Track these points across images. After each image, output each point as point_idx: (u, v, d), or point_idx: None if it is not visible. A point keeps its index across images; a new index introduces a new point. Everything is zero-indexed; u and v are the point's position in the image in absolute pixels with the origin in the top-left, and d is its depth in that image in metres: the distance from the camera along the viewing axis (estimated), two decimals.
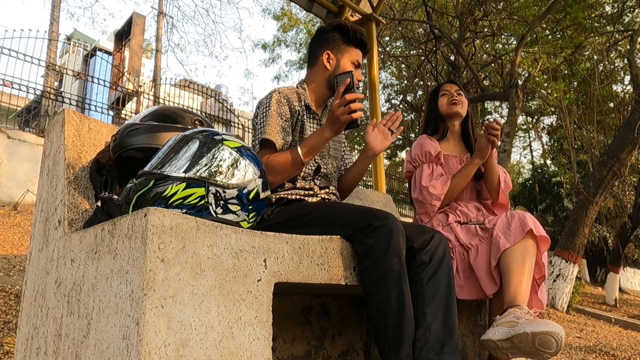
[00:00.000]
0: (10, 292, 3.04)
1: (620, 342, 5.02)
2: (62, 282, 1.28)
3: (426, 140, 2.06)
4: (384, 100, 13.98)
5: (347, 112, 1.47)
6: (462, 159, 2.06)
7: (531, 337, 1.33)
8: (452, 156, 2.06)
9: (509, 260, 1.59)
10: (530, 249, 1.62)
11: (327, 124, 1.53)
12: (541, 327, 1.33)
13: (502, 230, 1.67)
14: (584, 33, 9.05)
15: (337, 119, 1.49)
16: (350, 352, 1.88)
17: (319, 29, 1.85)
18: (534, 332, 1.33)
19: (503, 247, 1.61)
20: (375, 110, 4.78)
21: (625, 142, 6.70)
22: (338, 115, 1.48)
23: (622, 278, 13.13)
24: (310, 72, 1.82)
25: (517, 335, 1.36)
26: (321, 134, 1.55)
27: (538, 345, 1.32)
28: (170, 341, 0.94)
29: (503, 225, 1.68)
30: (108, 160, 1.51)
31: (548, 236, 1.67)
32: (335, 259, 1.32)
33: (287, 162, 1.55)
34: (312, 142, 1.56)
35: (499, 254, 1.62)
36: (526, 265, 1.58)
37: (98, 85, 9.77)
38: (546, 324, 1.34)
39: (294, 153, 1.55)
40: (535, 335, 1.32)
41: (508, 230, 1.65)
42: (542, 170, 18.12)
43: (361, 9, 4.86)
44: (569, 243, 6.71)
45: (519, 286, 1.54)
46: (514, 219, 1.67)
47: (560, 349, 1.33)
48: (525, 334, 1.34)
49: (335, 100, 1.50)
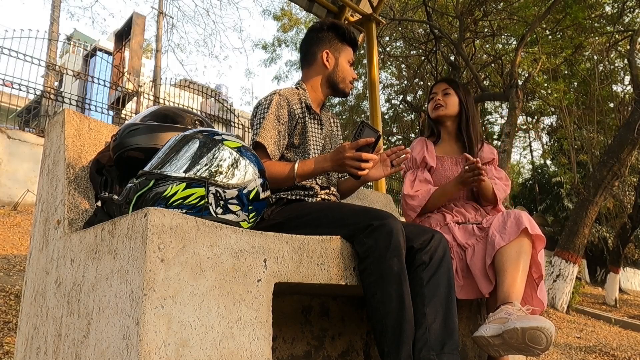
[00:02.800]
0: (10, 292, 3.04)
1: (620, 342, 5.02)
2: (62, 282, 1.28)
3: (417, 145, 2.08)
4: (384, 100, 13.98)
5: (355, 167, 1.47)
6: (458, 159, 2.05)
7: (521, 333, 1.33)
8: (447, 157, 2.06)
9: (503, 259, 1.59)
10: (526, 247, 1.61)
11: (331, 161, 1.52)
12: (531, 322, 1.33)
13: (497, 229, 1.67)
14: (584, 33, 9.05)
15: (343, 166, 1.49)
16: (350, 352, 1.88)
17: (312, 28, 1.85)
18: (523, 328, 1.33)
19: (498, 245, 1.61)
20: (375, 110, 4.78)
21: (625, 142, 6.69)
22: (346, 164, 1.48)
23: (622, 278, 13.12)
24: (307, 72, 1.83)
25: (508, 331, 1.36)
26: (322, 164, 1.55)
27: (528, 341, 1.32)
28: (170, 341, 0.94)
29: (499, 224, 1.68)
30: (108, 160, 1.51)
31: (543, 235, 1.67)
32: (335, 259, 1.32)
33: (281, 174, 1.56)
34: (311, 168, 1.56)
35: (493, 252, 1.62)
36: (520, 263, 1.58)
37: (98, 85, 9.77)
38: (536, 319, 1.34)
39: (291, 171, 1.55)
40: (525, 330, 1.32)
41: (503, 229, 1.65)
42: (542, 171, 18.12)
43: (361, 9, 4.87)
44: (569, 243, 6.71)
45: (512, 283, 1.54)
46: (510, 217, 1.67)
47: (550, 344, 1.33)
48: (515, 329, 1.34)
49: (351, 148, 1.47)
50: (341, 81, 1.80)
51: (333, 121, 1.92)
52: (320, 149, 1.76)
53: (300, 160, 1.59)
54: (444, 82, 2.12)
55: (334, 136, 1.90)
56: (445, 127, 2.10)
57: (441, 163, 2.04)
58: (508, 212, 1.72)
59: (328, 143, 1.83)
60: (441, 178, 2.02)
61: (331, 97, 1.93)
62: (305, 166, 1.56)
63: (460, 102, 2.06)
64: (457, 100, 2.07)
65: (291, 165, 1.56)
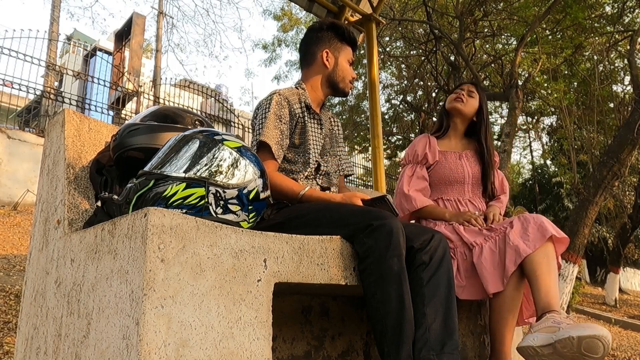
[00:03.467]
0: (10, 292, 3.04)
1: (620, 342, 5.02)
2: (62, 282, 1.28)
3: (420, 140, 2.09)
4: (384, 101, 13.97)
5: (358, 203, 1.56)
6: (461, 154, 2.06)
7: (577, 342, 1.26)
8: (451, 152, 2.07)
9: (534, 266, 1.57)
10: (551, 253, 1.61)
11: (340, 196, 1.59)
12: (587, 330, 1.27)
13: (519, 234, 1.65)
14: (584, 33, 9.05)
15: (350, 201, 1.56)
16: (350, 352, 1.88)
17: (311, 28, 1.86)
18: (580, 336, 1.26)
19: (525, 253, 1.59)
20: (375, 110, 4.78)
21: (625, 142, 6.69)
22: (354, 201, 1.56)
23: (622, 278, 13.12)
24: (307, 71, 1.83)
25: (561, 340, 1.30)
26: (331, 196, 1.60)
27: (584, 350, 1.26)
28: (170, 341, 0.94)
29: (519, 229, 1.67)
30: (108, 160, 1.51)
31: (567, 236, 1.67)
32: (335, 259, 1.32)
33: (287, 189, 1.59)
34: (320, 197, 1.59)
35: (519, 259, 1.60)
36: (551, 270, 1.57)
37: (98, 85, 9.77)
38: (592, 327, 1.28)
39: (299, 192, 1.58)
40: (582, 339, 1.26)
41: (526, 235, 1.63)
42: (542, 171, 18.13)
43: (361, 9, 4.86)
44: (569, 243, 6.71)
45: (549, 291, 1.51)
46: (530, 223, 1.66)
47: (606, 353, 1.27)
48: (570, 338, 1.28)
49: (363, 198, 1.57)
50: (341, 81, 1.81)
51: (333, 121, 1.93)
52: (320, 149, 1.76)
53: (311, 188, 1.62)
54: (473, 85, 2.15)
55: (334, 136, 1.90)
56: (455, 124, 2.12)
57: (444, 157, 2.06)
58: (525, 217, 1.71)
59: (328, 143, 1.83)
60: (447, 171, 2.03)
61: (331, 97, 1.93)
62: (314, 194, 1.60)
63: (479, 108, 2.09)
64: (477, 104, 2.10)
65: (301, 188, 1.59)
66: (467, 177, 2.02)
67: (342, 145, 1.94)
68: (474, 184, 2.04)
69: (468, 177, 2.02)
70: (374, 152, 4.74)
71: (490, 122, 2.01)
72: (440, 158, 2.05)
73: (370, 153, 6.61)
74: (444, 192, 2.04)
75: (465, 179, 2.02)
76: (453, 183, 2.03)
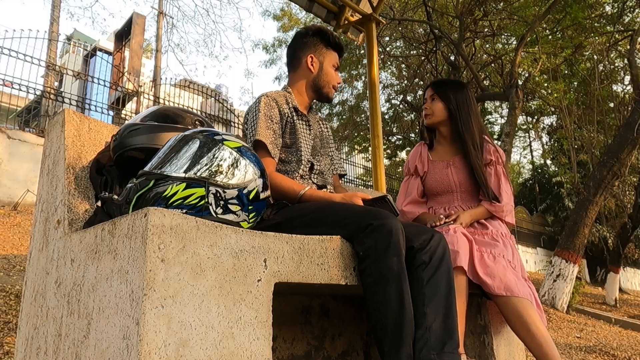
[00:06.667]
0: (10, 292, 3.04)
1: (620, 342, 5.02)
2: (62, 282, 1.28)
3: (414, 151, 2.16)
4: (384, 100, 13.98)
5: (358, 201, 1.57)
6: (449, 162, 2.05)
7: None
8: (439, 161, 2.08)
9: None
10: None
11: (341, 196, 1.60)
12: None
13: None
14: (584, 33, 9.05)
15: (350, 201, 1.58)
16: (350, 352, 1.88)
17: (298, 33, 1.90)
18: None
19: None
20: (375, 110, 4.78)
21: (625, 142, 6.70)
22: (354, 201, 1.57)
23: (622, 278, 13.13)
24: (293, 76, 1.87)
25: None
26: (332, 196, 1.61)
27: None
28: (170, 341, 0.94)
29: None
30: (108, 160, 1.51)
31: None
32: (335, 259, 1.32)
33: (287, 189, 1.59)
34: (320, 196, 1.60)
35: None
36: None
37: (98, 85, 9.77)
38: None
39: (299, 192, 1.59)
40: None
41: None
42: (542, 170, 18.14)
43: (361, 9, 4.87)
44: (569, 243, 6.71)
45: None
46: None
47: None
48: None
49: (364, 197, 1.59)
50: (325, 85, 1.83)
51: (322, 123, 1.96)
52: (311, 149, 1.78)
53: (311, 188, 1.63)
54: (431, 87, 2.11)
55: (324, 137, 1.91)
56: (439, 132, 2.12)
57: (433, 167, 2.07)
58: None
59: (318, 144, 1.84)
60: (433, 182, 2.04)
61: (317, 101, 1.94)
62: (314, 195, 1.60)
63: (447, 107, 2.02)
64: (442, 105, 2.03)
65: (301, 187, 1.60)
66: (454, 185, 2.01)
67: (333, 146, 1.96)
68: (464, 191, 2.01)
69: (455, 185, 2.01)
70: (374, 152, 4.74)
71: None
72: (430, 168, 2.07)
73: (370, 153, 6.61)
74: (435, 202, 2.07)
75: (452, 187, 2.01)
76: (441, 193, 2.04)
